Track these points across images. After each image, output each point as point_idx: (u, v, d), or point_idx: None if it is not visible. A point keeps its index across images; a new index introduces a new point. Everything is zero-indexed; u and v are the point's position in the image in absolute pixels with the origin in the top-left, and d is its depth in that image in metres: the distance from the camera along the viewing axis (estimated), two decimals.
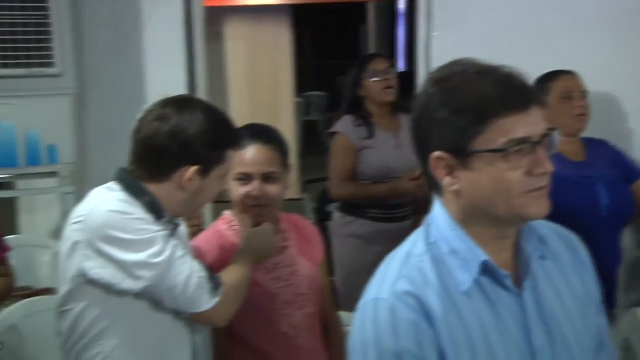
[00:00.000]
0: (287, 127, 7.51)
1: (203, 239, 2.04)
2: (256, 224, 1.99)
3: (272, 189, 1.99)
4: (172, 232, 1.79)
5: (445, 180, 1.21)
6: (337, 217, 3.35)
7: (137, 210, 1.69)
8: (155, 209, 1.72)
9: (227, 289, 1.76)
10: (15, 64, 3.35)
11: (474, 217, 1.22)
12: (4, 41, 3.31)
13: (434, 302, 1.19)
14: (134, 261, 1.64)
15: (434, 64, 3.56)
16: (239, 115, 7.26)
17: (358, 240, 3.25)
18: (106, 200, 1.70)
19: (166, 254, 1.66)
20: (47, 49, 3.40)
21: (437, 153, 1.20)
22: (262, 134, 2.02)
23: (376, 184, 3.21)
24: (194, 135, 1.67)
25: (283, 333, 2.02)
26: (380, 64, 3.31)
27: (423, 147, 1.23)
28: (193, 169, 1.68)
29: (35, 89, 3.43)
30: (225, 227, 2.05)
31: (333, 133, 3.30)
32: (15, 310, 2.44)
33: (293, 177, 2.29)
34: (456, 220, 1.24)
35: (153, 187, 1.72)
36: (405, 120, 3.36)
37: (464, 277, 1.21)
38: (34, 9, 3.36)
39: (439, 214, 1.26)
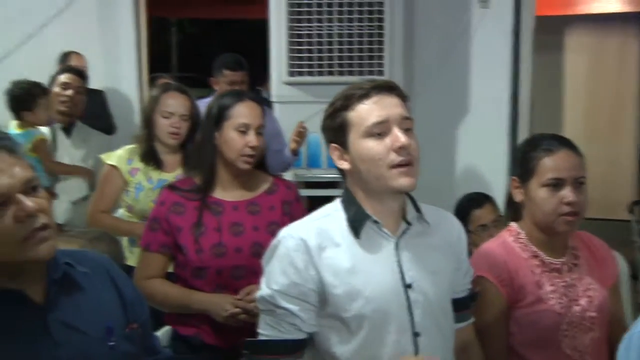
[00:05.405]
0: (628, 147, 6.96)
1: (490, 249, 1.97)
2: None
3: (583, 195, 1.88)
4: (403, 232, 1.64)
5: None
6: None
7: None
8: (357, 219, 1.62)
9: None
10: (349, 71, 3.59)
11: None
12: (341, 50, 3.57)
13: None
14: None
15: None
16: (575, 129, 6.90)
17: None
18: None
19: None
20: (379, 57, 3.58)
21: None
22: (567, 140, 1.93)
23: None
24: None
25: (565, 355, 1.88)
26: None
27: None
28: None
29: None
30: (512, 239, 1.98)
31: None
32: None
33: (622, 196, 2.08)
34: None
35: None
36: None
37: None
38: (370, 20, 3.58)
39: None
